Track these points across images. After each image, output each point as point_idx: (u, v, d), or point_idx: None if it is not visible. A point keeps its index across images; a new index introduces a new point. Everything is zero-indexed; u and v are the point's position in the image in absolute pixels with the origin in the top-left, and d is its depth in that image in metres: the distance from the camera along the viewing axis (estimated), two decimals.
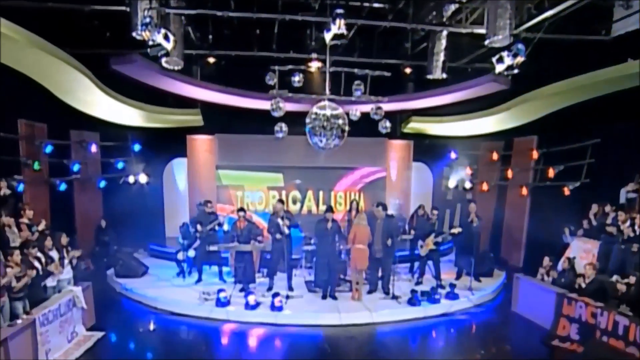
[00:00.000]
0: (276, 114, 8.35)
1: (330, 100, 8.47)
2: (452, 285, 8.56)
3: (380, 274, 8.64)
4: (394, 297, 8.33)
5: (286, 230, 8.37)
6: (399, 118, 13.03)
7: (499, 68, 7.30)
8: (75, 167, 10.52)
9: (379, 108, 8.49)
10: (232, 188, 12.94)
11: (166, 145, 12.44)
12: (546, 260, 8.20)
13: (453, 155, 13.28)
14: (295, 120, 9.07)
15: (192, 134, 12.75)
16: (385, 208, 8.51)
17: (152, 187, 12.34)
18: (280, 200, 8.75)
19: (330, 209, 8.30)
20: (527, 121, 10.66)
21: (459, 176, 13.22)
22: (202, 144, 12.91)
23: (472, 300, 8.61)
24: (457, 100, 10.87)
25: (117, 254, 9.71)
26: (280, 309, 7.56)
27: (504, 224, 12.26)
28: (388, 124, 9.14)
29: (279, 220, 8.34)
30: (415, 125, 12.60)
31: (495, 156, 12.44)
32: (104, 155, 11.73)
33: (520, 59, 7.10)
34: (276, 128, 8.41)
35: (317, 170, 13.04)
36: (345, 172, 13.29)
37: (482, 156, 12.93)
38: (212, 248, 8.12)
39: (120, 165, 11.79)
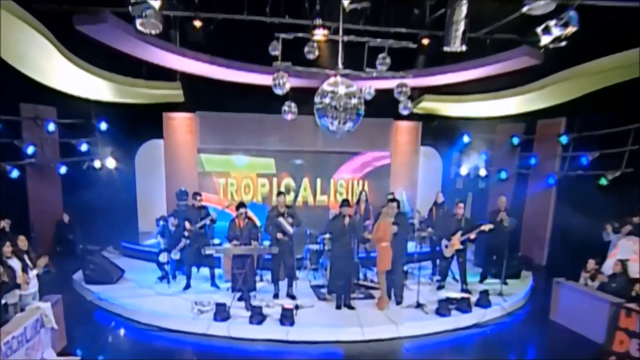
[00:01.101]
0: (279, 91, 7.52)
1: (344, 75, 7.74)
2: (483, 292, 8.06)
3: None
4: (419, 306, 7.80)
5: (290, 230, 7.70)
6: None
7: (545, 40, 6.72)
8: (30, 150, 9.50)
9: (404, 86, 7.77)
10: (215, 175, 12.15)
11: (139, 124, 11.45)
12: (591, 263, 7.80)
13: (466, 138, 12.84)
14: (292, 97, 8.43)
15: (170, 111, 11.81)
16: (399, 204, 7.91)
17: (123, 174, 11.45)
18: (281, 193, 8.01)
19: (346, 203, 7.65)
20: (560, 102, 10.17)
21: (471, 162, 12.79)
22: (181, 124, 12.01)
23: (505, 308, 8.16)
24: (481, 77, 10.32)
25: (87, 256, 8.80)
26: (291, 323, 6.90)
27: (524, 218, 11.85)
28: (410, 104, 8.47)
29: (281, 219, 7.64)
30: (428, 105, 11.98)
31: (515, 140, 11.97)
32: (63, 135, 10.73)
33: (571, 29, 6.53)
34: (284, 108, 7.62)
35: (315, 155, 12.44)
36: (346, 157, 12.65)
37: (499, 140, 12.47)
38: (209, 251, 7.34)
39: (83, 147, 10.80)
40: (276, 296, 7.94)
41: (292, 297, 7.97)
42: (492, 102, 11.11)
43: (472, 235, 8.78)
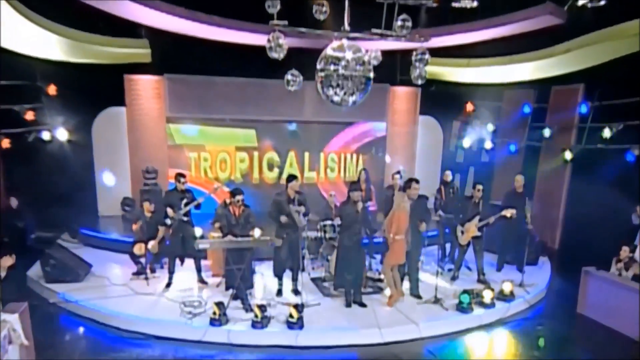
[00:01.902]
0: (274, 55, 6.97)
1: (351, 39, 7.30)
2: (506, 283, 8.00)
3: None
4: (437, 301, 7.68)
5: (303, 222, 7.37)
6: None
7: None
8: None
9: (425, 52, 7.39)
10: (188, 149, 11.65)
11: (96, 88, 10.60)
12: (625, 251, 7.80)
13: (469, 107, 12.70)
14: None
15: (133, 73, 11.07)
16: (417, 183, 7.68)
17: (78, 148, 10.82)
18: (294, 177, 7.62)
19: (356, 186, 7.34)
20: (582, 68, 10.06)
21: (476, 134, 12.71)
22: (146, 88, 11.39)
23: (529, 301, 8.15)
24: (496, 38, 10.07)
25: (43, 247, 8.19)
26: (301, 326, 6.63)
27: (535, 196, 11.87)
28: (424, 72, 8.12)
29: (294, 209, 7.28)
30: (432, 70, 11.57)
31: (526, 109, 11.88)
32: (1, 100, 9.84)
33: None
34: (288, 77, 7.10)
35: (302, 126, 12.08)
36: (338, 128, 12.34)
37: (507, 109, 12.39)
38: (203, 245, 6.89)
39: (29, 115, 10.05)
40: (279, 293, 7.62)
41: (297, 293, 7.70)
42: (504, 67, 10.93)
43: (492, 221, 8.67)
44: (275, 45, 6.83)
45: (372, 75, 7.31)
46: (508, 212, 8.61)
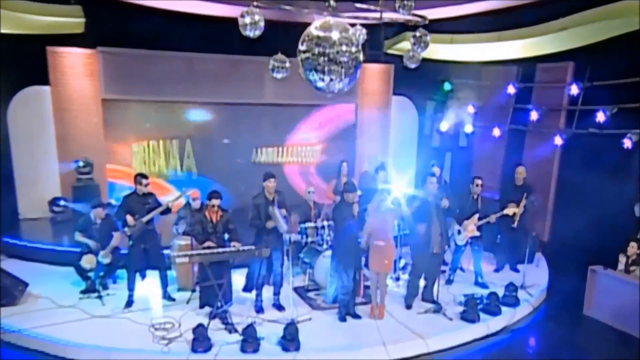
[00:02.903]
0: (249, 33, 6.67)
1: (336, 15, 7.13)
2: (512, 287, 8.21)
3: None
4: (437, 310, 7.77)
5: (285, 226, 7.19)
6: (382, 33, 12.05)
7: None
8: None
9: (425, 34, 7.35)
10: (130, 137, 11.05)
11: (13, 63, 9.89)
12: (633, 247, 8.17)
13: (447, 86, 12.87)
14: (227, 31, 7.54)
15: (59, 45, 10.36)
16: (434, 176, 7.75)
17: None
18: (271, 175, 7.41)
19: (352, 187, 7.28)
20: (576, 46, 10.36)
21: (454, 116, 12.91)
22: (76, 64, 10.73)
23: (532, 303, 8.42)
24: (485, 11, 10.23)
25: None
26: (297, 347, 6.51)
27: None
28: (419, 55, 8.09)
29: (274, 210, 7.09)
30: (408, 46, 11.67)
31: (511, 89, 12.14)
32: None
33: None
34: (273, 63, 6.88)
35: (261, 109, 11.75)
36: (302, 112, 12.28)
37: (489, 89, 12.62)
38: (181, 260, 6.56)
39: None
40: (261, 310, 7.44)
41: (280, 308, 7.54)
42: (491, 45, 11.11)
43: (493, 220, 8.85)
44: (251, 23, 6.56)
45: (361, 57, 7.20)
46: (510, 210, 8.83)
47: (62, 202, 10.44)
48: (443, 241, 7.81)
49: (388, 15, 7.24)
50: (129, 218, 7.40)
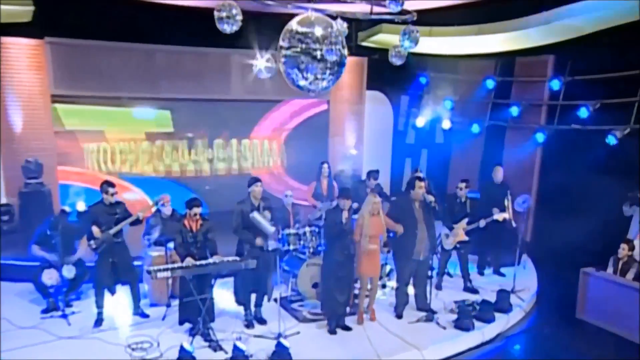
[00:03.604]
0: (226, 28, 6.64)
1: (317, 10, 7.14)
2: (505, 293, 8.42)
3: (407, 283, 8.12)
4: (430, 318, 7.90)
5: (271, 229, 7.20)
6: (354, 26, 12.09)
7: None
8: None
9: (415, 31, 7.45)
10: (82, 136, 10.82)
11: None
12: (624, 249, 8.47)
13: (423, 80, 13.07)
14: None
15: (3, 35, 10.00)
16: (422, 180, 7.86)
17: None
18: (257, 180, 7.38)
19: (345, 194, 7.36)
20: (558, 40, 10.65)
21: (431, 112, 13.12)
22: (20, 56, 10.31)
23: (524, 308, 8.66)
24: (465, 2, 10.40)
25: None
26: None
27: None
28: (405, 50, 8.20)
29: (257, 215, 7.06)
30: (386, 39, 11.79)
31: (489, 84, 12.41)
32: None
33: None
34: (257, 63, 6.83)
35: (226, 105, 11.71)
36: (268, 107, 12.24)
37: (467, 83, 12.87)
38: (162, 275, 6.43)
39: None
40: (250, 325, 7.41)
41: (262, 322, 7.56)
42: (470, 38, 11.30)
43: (482, 224, 9.07)
44: (228, 16, 6.50)
45: (346, 53, 7.25)
46: (500, 217, 9.07)
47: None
48: (431, 247, 7.90)
49: (377, 10, 7.32)
50: (95, 229, 7.22)
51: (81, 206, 9.47)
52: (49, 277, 7.58)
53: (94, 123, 10.88)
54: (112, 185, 7.47)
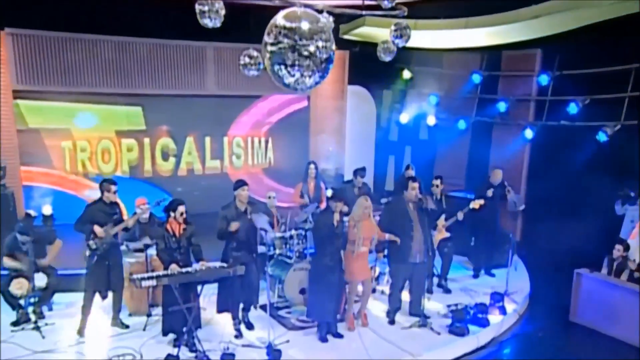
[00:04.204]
0: (207, 23, 6.67)
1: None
2: (498, 295, 8.61)
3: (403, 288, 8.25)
4: (423, 324, 8.03)
5: (269, 228, 7.33)
6: (335, 19, 12.17)
7: None
8: None
9: (407, 28, 7.59)
10: (47, 134, 10.71)
11: None
12: (618, 250, 8.67)
13: (406, 74, 13.19)
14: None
15: None
16: (415, 181, 7.98)
17: None
18: (243, 183, 7.42)
19: (341, 197, 7.50)
20: (547, 34, 10.86)
21: (415, 107, 13.28)
22: None
23: (518, 311, 8.87)
24: None
25: None
26: None
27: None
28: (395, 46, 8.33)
29: (255, 216, 7.14)
30: (368, 32, 11.87)
31: (476, 78, 12.61)
32: None
33: None
34: (245, 59, 6.88)
35: (202, 101, 11.74)
36: (245, 103, 12.31)
37: (452, 78, 13.05)
38: (147, 283, 6.40)
39: None
40: (239, 334, 7.47)
41: (250, 327, 7.68)
42: (456, 32, 11.46)
43: (460, 217, 9.25)
44: (210, 10, 6.51)
45: (334, 48, 7.34)
46: (476, 204, 9.25)
47: None
48: (427, 249, 8.01)
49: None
50: (98, 228, 7.16)
51: (47, 210, 9.44)
52: (19, 287, 7.51)
53: (60, 120, 10.73)
54: (113, 182, 7.46)
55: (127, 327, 7.67)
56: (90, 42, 10.62)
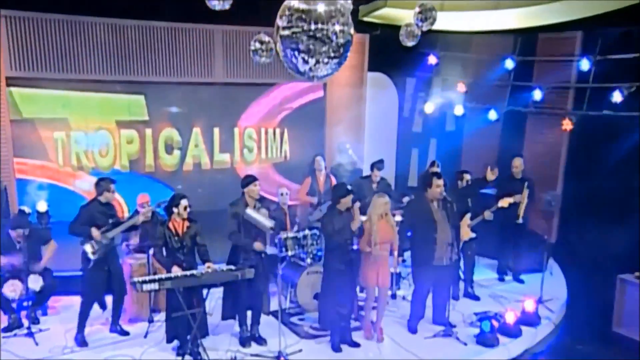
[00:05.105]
0: (215, 5, 6.73)
1: None
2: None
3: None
4: (448, 333, 8.01)
5: (269, 224, 7.29)
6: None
7: None
8: None
9: (432, 9, 7.57)
10: (42, 125, 10.73)
11: None
12: None
13: (432, 60, 13.12)
14: None
15: None
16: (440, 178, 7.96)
17: None
18: (254, 178, 7.44)
19: (346, 191, 7.44)
20: (586, 15, 10.74)
21: (440, 96, 13.21)
22: None
23: (553, 321, 8.81)
24: None
25: None
26: None
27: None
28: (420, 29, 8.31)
29: (253, 213, 7.12)
30: (390, 14, 11.80)
31: (509, 64, 12.48)
32: None
33: None
34: (255, 45, 6.90)
35: (209, 89, 11.75)
36: (257, 92, 12.23)
37: (481, 64, 12.95)
38: (149, 287, 6.42)
39: None
40: (245, 342, 7.53)
41: (260, 341, 7.65)
42: (485, 13, 11.36)
43: (487, 216, 9.22)
44: None
45: (352, 32, 7.33)
46: (505, 202, 9.25)
47: None
48: (453, 251, 7.96)
49: None
50: (95, 232, 7.26)
51: (42, 206, 9.51)
52: (12, 290, 7.61)
53: (57, 110, 10.74)
54: (113, 181, 7.57)
55: (127, 333, 7.76)
56: (90, 25, 10.56)
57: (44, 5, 10.20)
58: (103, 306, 7.81)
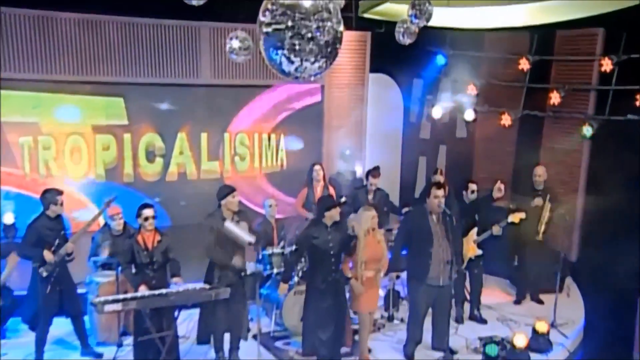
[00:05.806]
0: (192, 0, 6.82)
1: None
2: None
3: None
4: (448, 359, 7.92)
5: (249, 239, 7.17)
6: None
7: None
8: None
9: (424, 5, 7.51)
10: (11, 130, 10.65)
11: None
12: None
13: (440, 59, 13.04)
14: None
15: None
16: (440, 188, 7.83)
17: None
18: (232, 189, 7.36)
19: (332, 202, 7.53)
20: (604, 11, 10.62)
21: (449, 99, 13.10)
22: None
23: (568, 347, 8.64)
24: None
25: None
26: None
27: None
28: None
29: (231, 225, 7.00)
30: (393, 9, 11.72)
31: (523, 64, 12.34)
32: None
33: None
34: (232, 44, 6.88)
35: (197, 91, 11.69)
36: (249, 94, 12.13)
37: (494, 63, 12.83)
38: (111, 308, 6.34)
39: None
40: None
41: None
42: (496, 9, 11.26)
43: (496, 231, 9.08)
44: None
45: (342, 29, 7.25)
46: (516, 217, 9.13)
47: None
48: (451, 270, 7.80)
49: None
50: (48, 254, 7.20)
51: (9, 218, 9.44)
52: None
53: (26, 113, 10.68)
54: (60, 192, 7.50)
55: (100, 355, 7.76)
56: (64, 21, 10.54)
57: None
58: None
